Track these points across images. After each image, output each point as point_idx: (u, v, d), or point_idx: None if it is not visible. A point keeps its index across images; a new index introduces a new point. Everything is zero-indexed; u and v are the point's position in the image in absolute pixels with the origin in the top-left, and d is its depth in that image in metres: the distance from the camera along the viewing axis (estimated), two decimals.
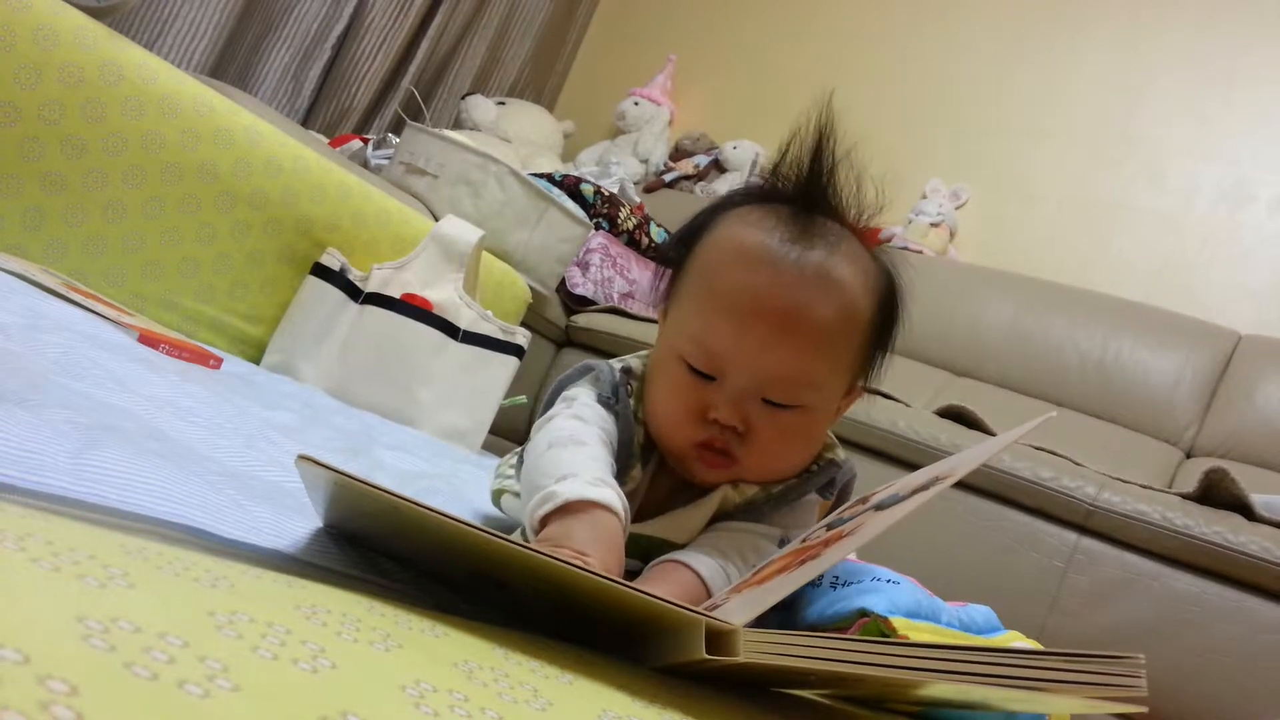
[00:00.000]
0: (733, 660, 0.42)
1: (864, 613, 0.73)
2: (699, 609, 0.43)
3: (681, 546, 0.68)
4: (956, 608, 0.81)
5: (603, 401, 0.71)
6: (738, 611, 0.45)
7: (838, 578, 0.79)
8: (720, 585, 0.62)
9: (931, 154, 2.86)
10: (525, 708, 0.34)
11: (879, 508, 0.56)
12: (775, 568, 0.56)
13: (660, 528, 0.70)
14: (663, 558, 0.65)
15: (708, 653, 0.43)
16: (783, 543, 0.70)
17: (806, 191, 0.68)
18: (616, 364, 0.75)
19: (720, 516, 0.71)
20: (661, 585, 0.60)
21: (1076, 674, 0.37)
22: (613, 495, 0.58)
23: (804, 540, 0.59)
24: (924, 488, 0.54)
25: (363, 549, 0.53)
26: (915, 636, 0.68)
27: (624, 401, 0.72)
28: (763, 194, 0.70)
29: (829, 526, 0.60)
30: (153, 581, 0.31)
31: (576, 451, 0.62)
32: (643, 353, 0.77)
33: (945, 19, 2.94)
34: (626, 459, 0.70)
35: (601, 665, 0.47)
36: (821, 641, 0.41)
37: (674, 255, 0.73)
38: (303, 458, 0.44)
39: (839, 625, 0.76)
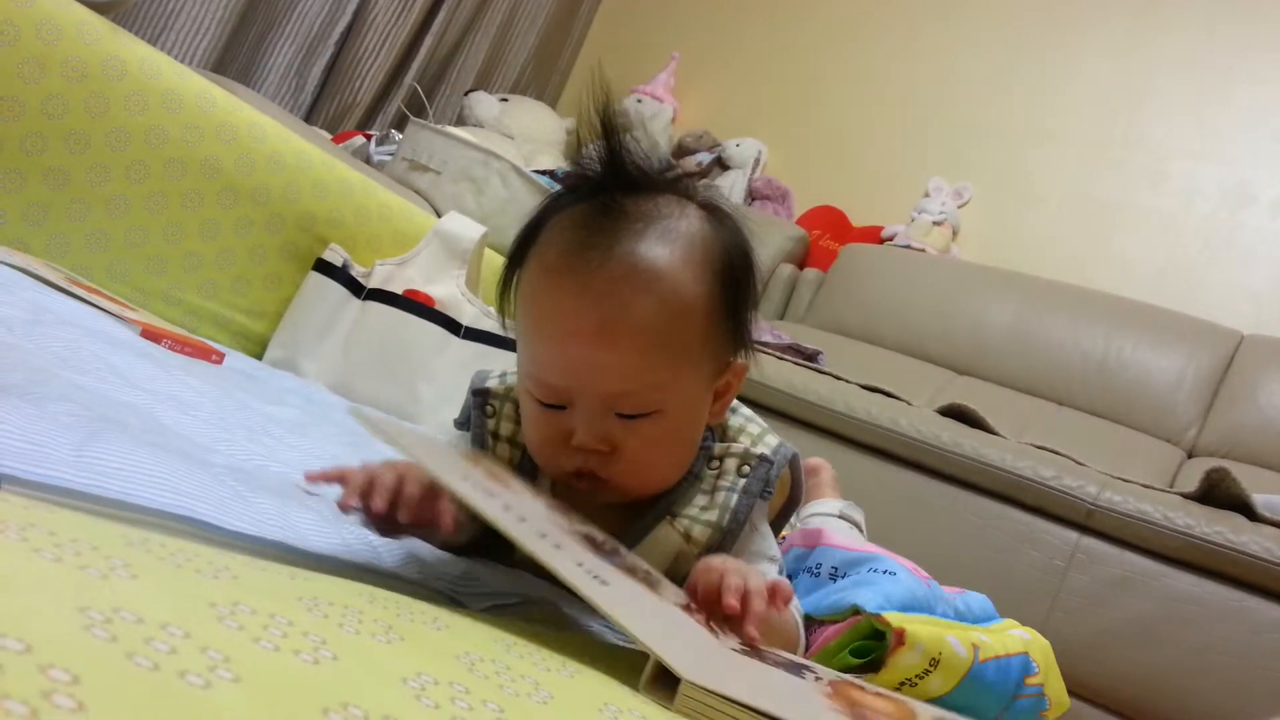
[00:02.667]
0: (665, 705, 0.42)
1: (857, 610, 0.73)
2: (657, 649, 0.43)
3: None
4: (954, 594, 0.81)
5: (458, 425, 0.74)
6: (700, 666, 0.44)
7: (836, 569, 0.79)
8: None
9: (934, 152, 2.86)
10: (526, 700, 0.34)
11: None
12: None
13: None
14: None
15: (650, 687, 0.43)
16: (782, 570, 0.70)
17: (611, 172, 0.64)
18: (479, 383, 0.73)
19: (686, 571, 0.67)
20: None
21: None
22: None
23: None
24: None
25: (363, 540, 0.53)
26: (910, 627, 0.68)
27: (475, 421, 0.71)
28: (573, 191, 0.66)
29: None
30: (155, 572, 0.31)
31: None
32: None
33: (947, 19, 2.94)
34: None
35: (605, 659, 0.47)
36: (751, 717, 0.41)
37: (513, 280, 0.69)
38: (355, 412, 0.46)
39: (833, 619, 0.76)
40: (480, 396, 0.72)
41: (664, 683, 0.42)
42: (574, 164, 0.67)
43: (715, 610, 0.55)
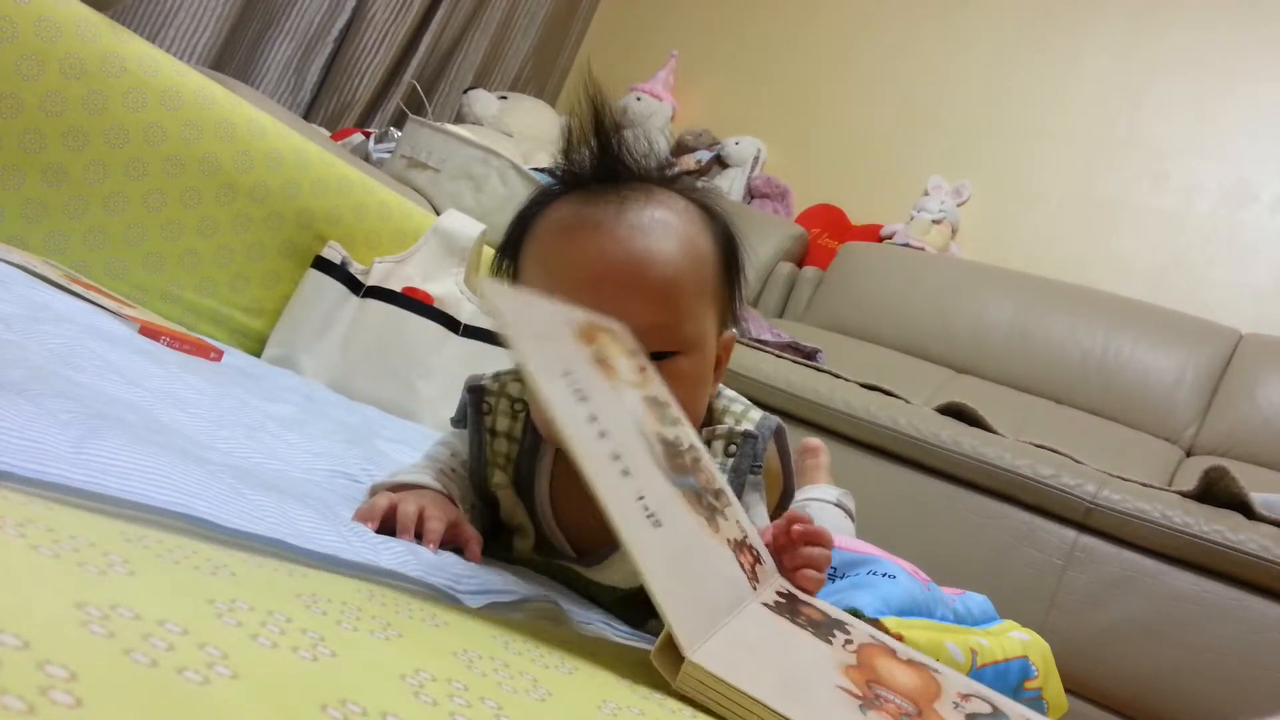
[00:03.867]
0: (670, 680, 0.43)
1: (855, 614, 0.73)
2: (671, 619, 0.43)
3: (637, 591, 0.66)
4: (954, 595, 0.81)
5: (454, 423, 0.77)
6: (708, 646, 0.44)
7: (835, 569, 0.79)
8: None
9: (934, 151, 2.86)
10: (525, 698, 0.34)
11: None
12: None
13: (610, 575, 0.68)
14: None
15: (660, 656, 0.43)
16: None
17: (602, 164, 0.68)
18: (474, 382, 0.75)
19: None
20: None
21: None
22: (427, 479, 0.66)
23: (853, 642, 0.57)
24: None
25: (369, 539, 0.53)
26: (908, 634, 0.68)
27: (472, 419, 0.73)
28: (564, 182, 0.70)
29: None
30: (153, 569, 0.31)
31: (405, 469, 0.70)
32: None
33: (948, 17, 2.94)
34: (482, 468, 0.71)
35: (604, 655, 0.47)
36: (749, 703, 0.41)
37: (504, 267, 0.72)
38: (490, 283, 0.45)
39: None
40: (476, 394, 0.73)
41: (674, 653, 0.43)
42: (566, 158, 0.69)
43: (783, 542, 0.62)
